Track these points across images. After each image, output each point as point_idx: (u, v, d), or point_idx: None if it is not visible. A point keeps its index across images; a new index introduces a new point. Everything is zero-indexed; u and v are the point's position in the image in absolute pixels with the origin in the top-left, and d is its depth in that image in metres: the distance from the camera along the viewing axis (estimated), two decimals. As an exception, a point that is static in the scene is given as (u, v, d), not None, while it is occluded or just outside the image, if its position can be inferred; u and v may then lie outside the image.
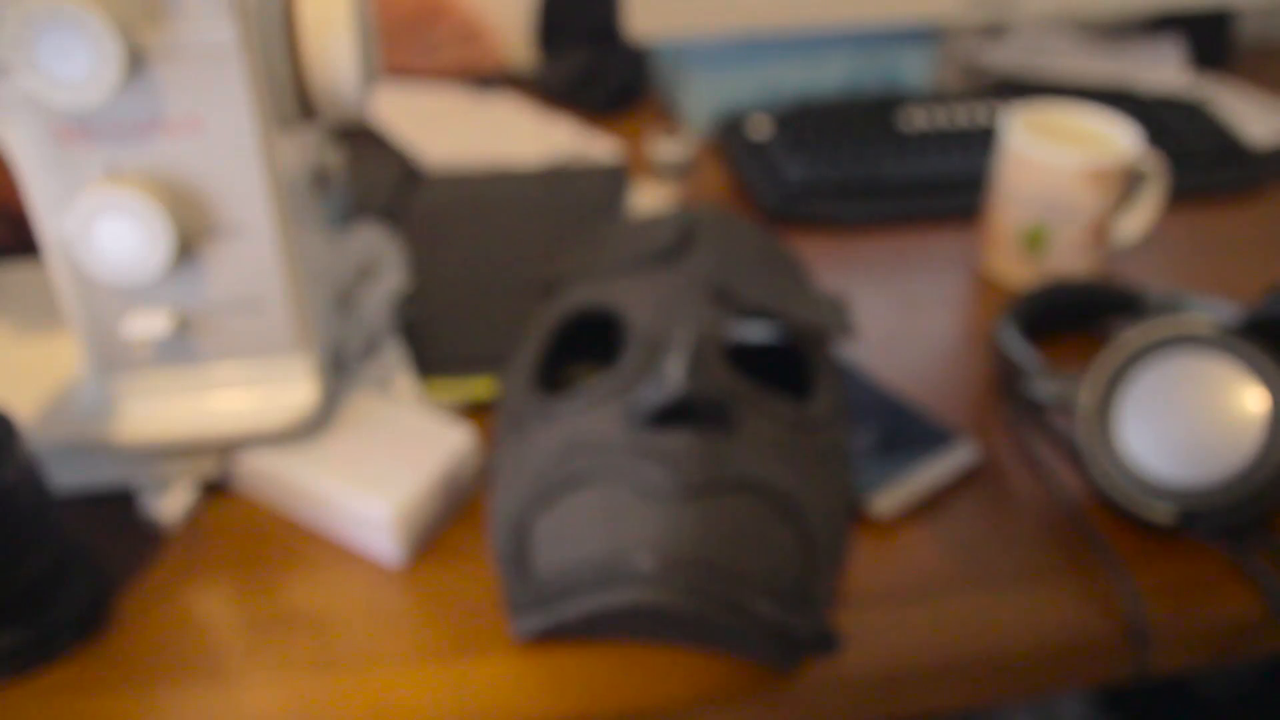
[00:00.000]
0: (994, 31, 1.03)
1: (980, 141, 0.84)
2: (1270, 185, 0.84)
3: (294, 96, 0.49)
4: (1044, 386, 0.56)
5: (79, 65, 0.42)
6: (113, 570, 0.51)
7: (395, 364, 0.59)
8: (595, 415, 0.46)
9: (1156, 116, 0.87)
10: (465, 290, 0.67)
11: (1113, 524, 0.54)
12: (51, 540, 0.46)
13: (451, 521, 0.54)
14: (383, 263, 0.64)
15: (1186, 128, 0.86)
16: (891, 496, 0.54)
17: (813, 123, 0.86)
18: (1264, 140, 0.88)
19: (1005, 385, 0.61)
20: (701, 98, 0.90)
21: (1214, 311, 0.62)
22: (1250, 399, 0.50)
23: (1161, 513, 0.51)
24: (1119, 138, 0.70)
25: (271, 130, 0.48)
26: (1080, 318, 0.67)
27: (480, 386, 0.60)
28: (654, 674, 0.46)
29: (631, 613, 0.43)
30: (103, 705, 0.45)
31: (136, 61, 0.44)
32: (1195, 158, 0.83)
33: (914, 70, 0.94)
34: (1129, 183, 0.71)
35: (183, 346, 0.51)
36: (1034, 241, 0.70)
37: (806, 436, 0.47)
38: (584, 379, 0.59)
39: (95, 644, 0.47)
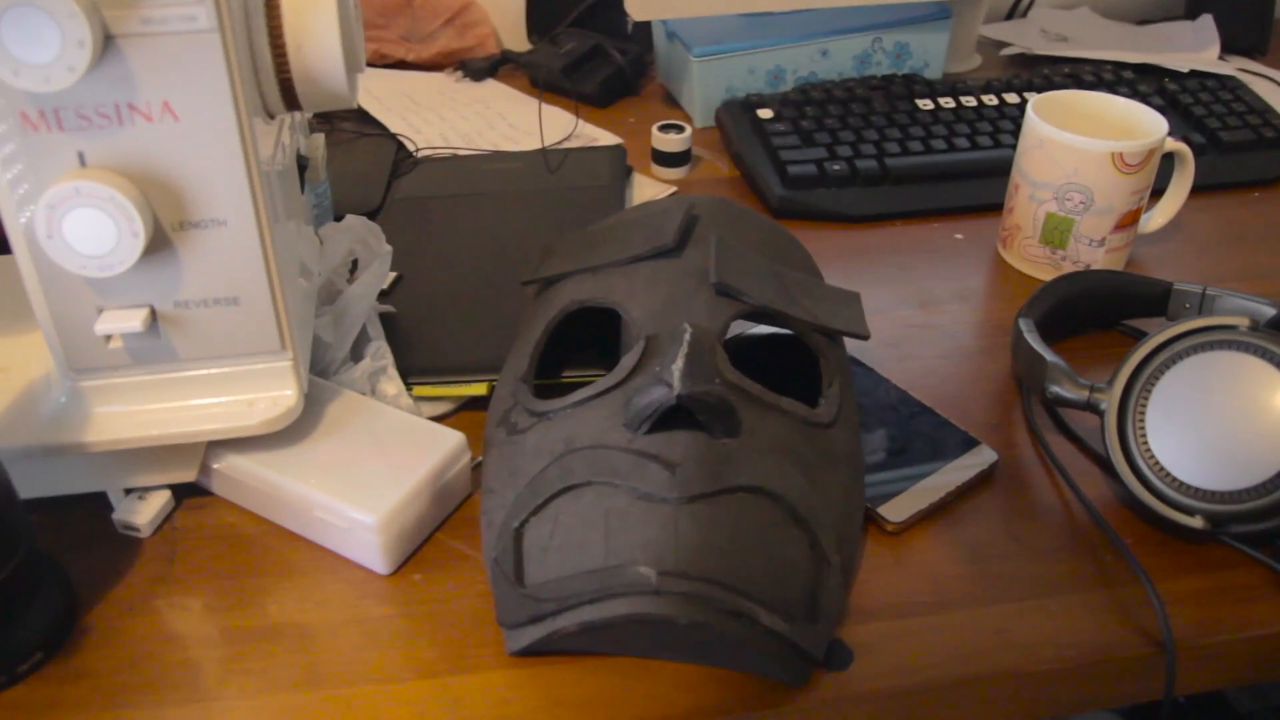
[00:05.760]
0: (1015, 10, 1.01)
1: (1000, 127, 0.82)
2: (1304, 172, 0.83)
3: (275, 82, 0.49)
4: (1067, 387, 0.55)
5: (46, 48, 0.41)
6: (83, 582, 0.50)
7: (382, 363, 0.59)
8: (592, 417, 0.45)
9: (1188, 100, 0.86)
10: (457, 284, 0.67)
11: (1140, 532, 0.54)
12: (18, 550, 0.45)
13: (441, 528, 0.53)
14: (369, 258, 0.63)
15: (1219, 112, 0.86)
16: (905, 503, 0.53)
17: (820, 109, 0.85)
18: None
19: (1026, 385, 0.60)
20: (704, 85, 0.89)
21: (1247, 307, 0.62)
22: (1287, 400, 0.50)
23: (1193, 520, 0.50)
24: (1146, 122, 0.70)
25: (251, 118, 0.47)
26: (1106, 313, 0.67)
27: (471, 386, 0.59)
28: (654, 690, 0.46)
29: (630, 625, 0.42)
30: (72, 725, 0.45)
31: (107, 44, 0.43)
32: (1228, 144, 0.83)
33: (929, 52, 0.92)
34: (1156, 168, 0.70)
35: (157, 345, 0.51)
36: (1057, 231, 0.69)
37: (815, 439, 0.47)
38: (581, 378, 0.58)
39: (64, 660, 0.47)
